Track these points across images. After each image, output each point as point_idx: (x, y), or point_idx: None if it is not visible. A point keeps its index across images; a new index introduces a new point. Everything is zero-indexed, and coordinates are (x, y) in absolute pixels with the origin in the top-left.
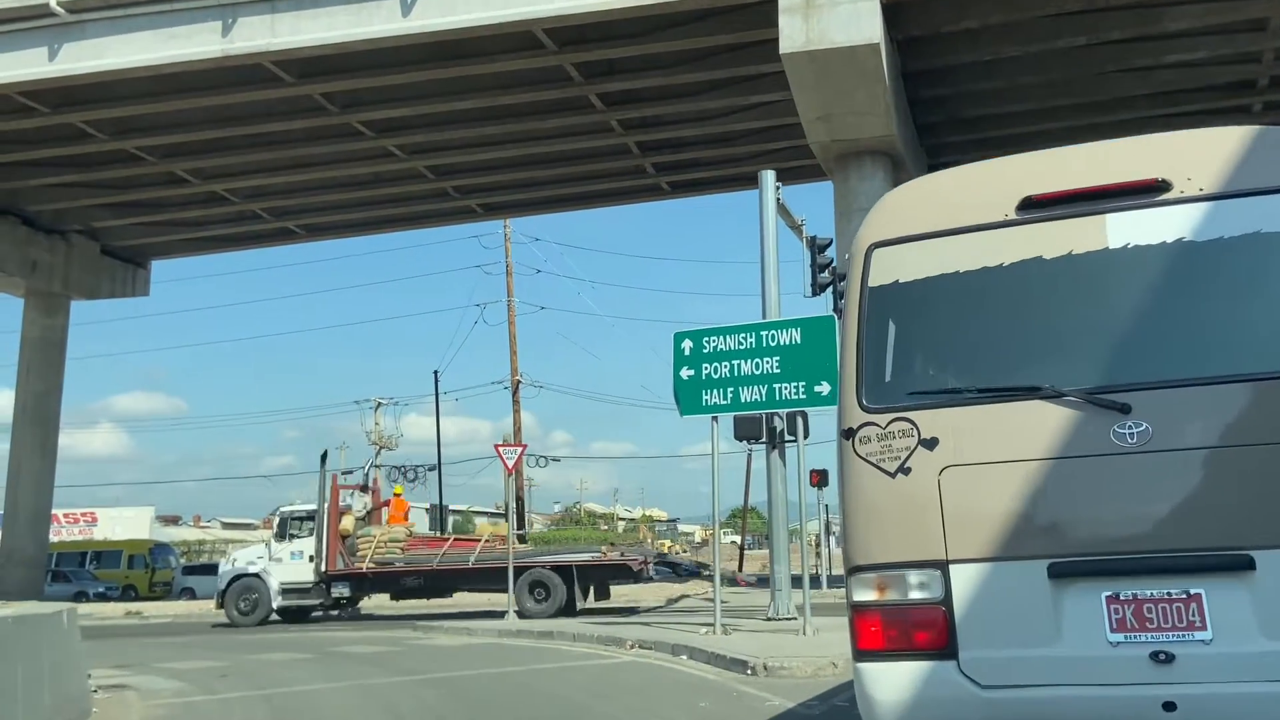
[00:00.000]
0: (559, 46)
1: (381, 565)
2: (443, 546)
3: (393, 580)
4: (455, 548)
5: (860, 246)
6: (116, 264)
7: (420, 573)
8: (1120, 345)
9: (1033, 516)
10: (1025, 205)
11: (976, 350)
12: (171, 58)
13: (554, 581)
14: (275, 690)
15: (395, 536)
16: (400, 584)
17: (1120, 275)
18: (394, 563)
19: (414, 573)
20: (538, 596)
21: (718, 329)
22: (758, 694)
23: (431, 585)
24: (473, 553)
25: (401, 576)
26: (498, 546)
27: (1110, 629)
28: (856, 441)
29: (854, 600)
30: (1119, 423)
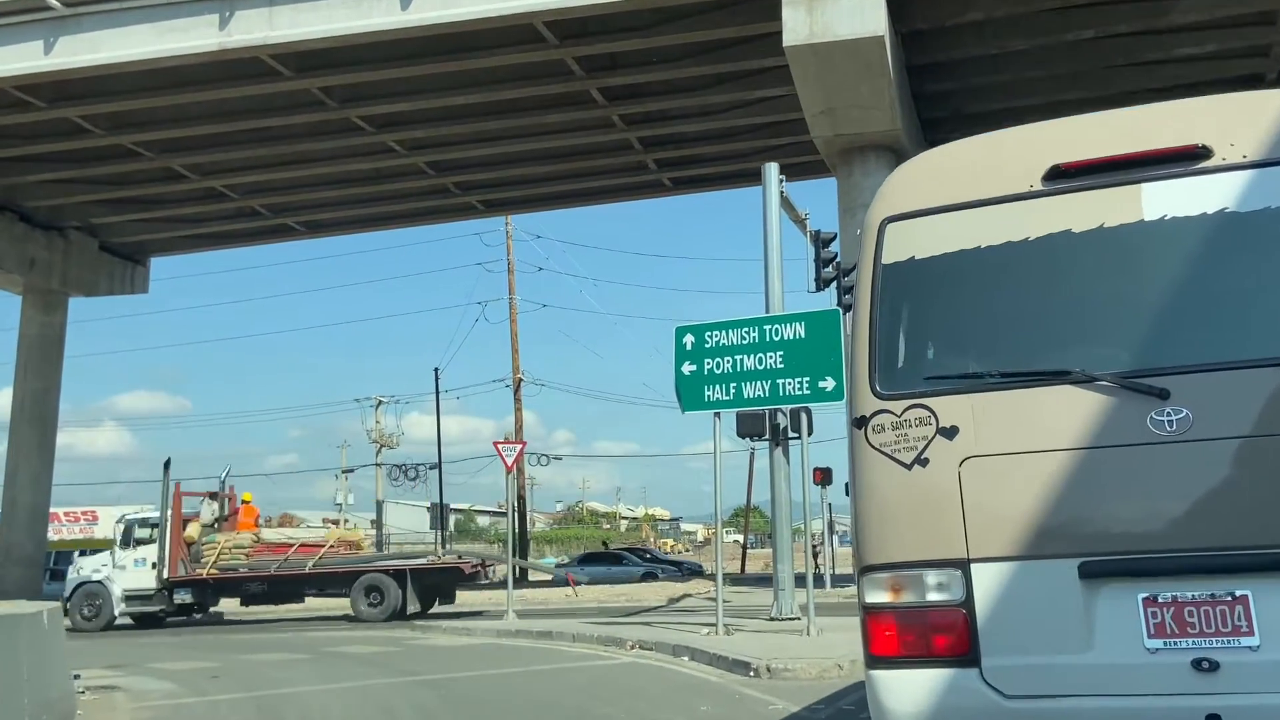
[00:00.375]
0: (560, 40)
1: (225, 571)
2: (286, 552)
3: (236, 586)
4: (299, 553)
5: (872, 221)
6: (115, 261)
7: (263, 578)
8: (1157, 325)
9: (1062, 511)
10: (1052, 175)
11: (999, 331)
12: (168, 51)
13: (388, 585)
14: (266, 692)
15: (240, 543)
16: (244, 589)
17: (1157, 249)
18: (237, 569)
19: (257, 578)
20: (372, 600)
21: (720, 323)
22: (761, 697)
23: (275, 591)
24: (312, 558)
25: (245, 582)
26: (341, 552)
27: (1148, 634)
28: (869, 431)
29: (866, 602)
30: (1156, 409)
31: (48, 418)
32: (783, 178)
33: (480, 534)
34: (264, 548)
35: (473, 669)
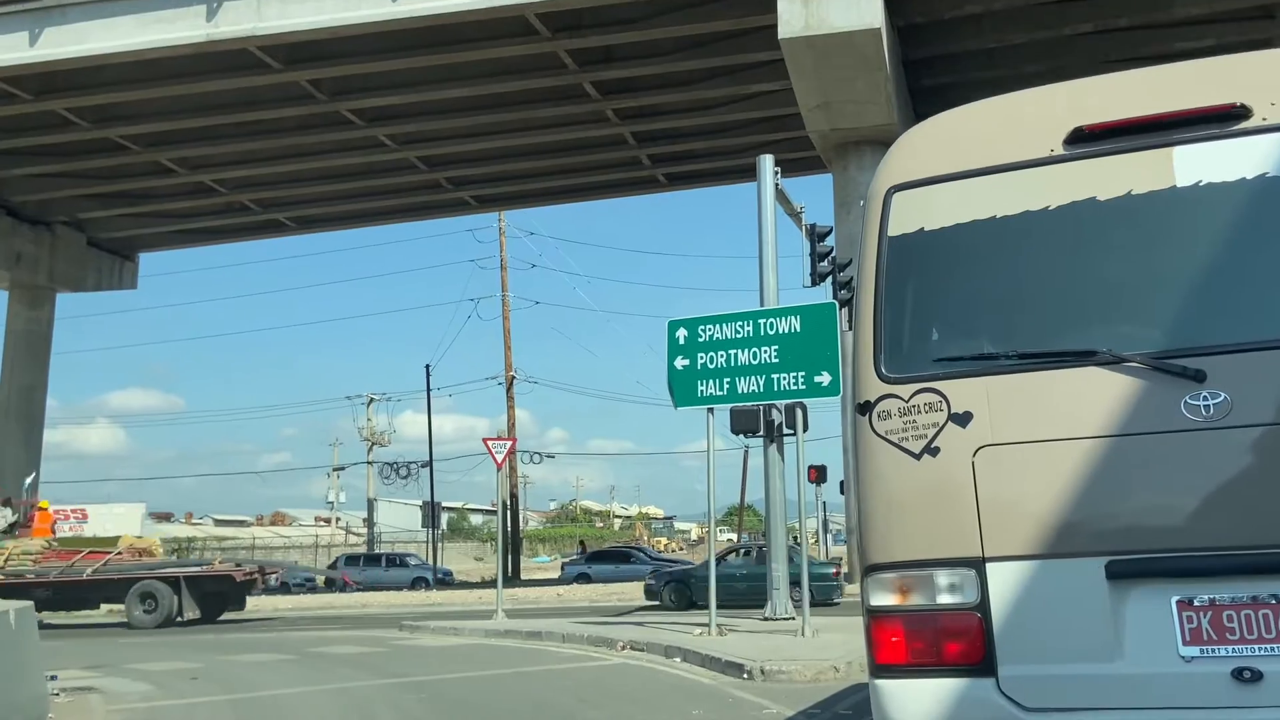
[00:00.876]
0: (552, 33)
1: (12, 577)
2: (73, 559)
3: (24, 591)
4: (86, 560)
5: (877, 190)
6: (103, 256)
7: (46, 584)
8: (1191, 301)
9: (1087, 505)
10: (1075, 138)
11: (1017, 308)
12: (154, 42)
13: (163, 593)
14: (245, 695)
15: (28, 549)
16: (32, 595)
17: (1190, 218)
18: (23, 574)
19: (42, 584)
20: (147, 607)
21: (714, 317)
22: (755, 700)
23: (62, 597)
24: (94, 564)
25: (31, 588)
26: (129, 558)
27: (1183, 641)
28: (874, 417)
29: (871, 605)
30: (1192, 393)
31: (34, 415)
32: (777, 170)
33: (473, 532)
34: (53, 554)
35: (458, 670)
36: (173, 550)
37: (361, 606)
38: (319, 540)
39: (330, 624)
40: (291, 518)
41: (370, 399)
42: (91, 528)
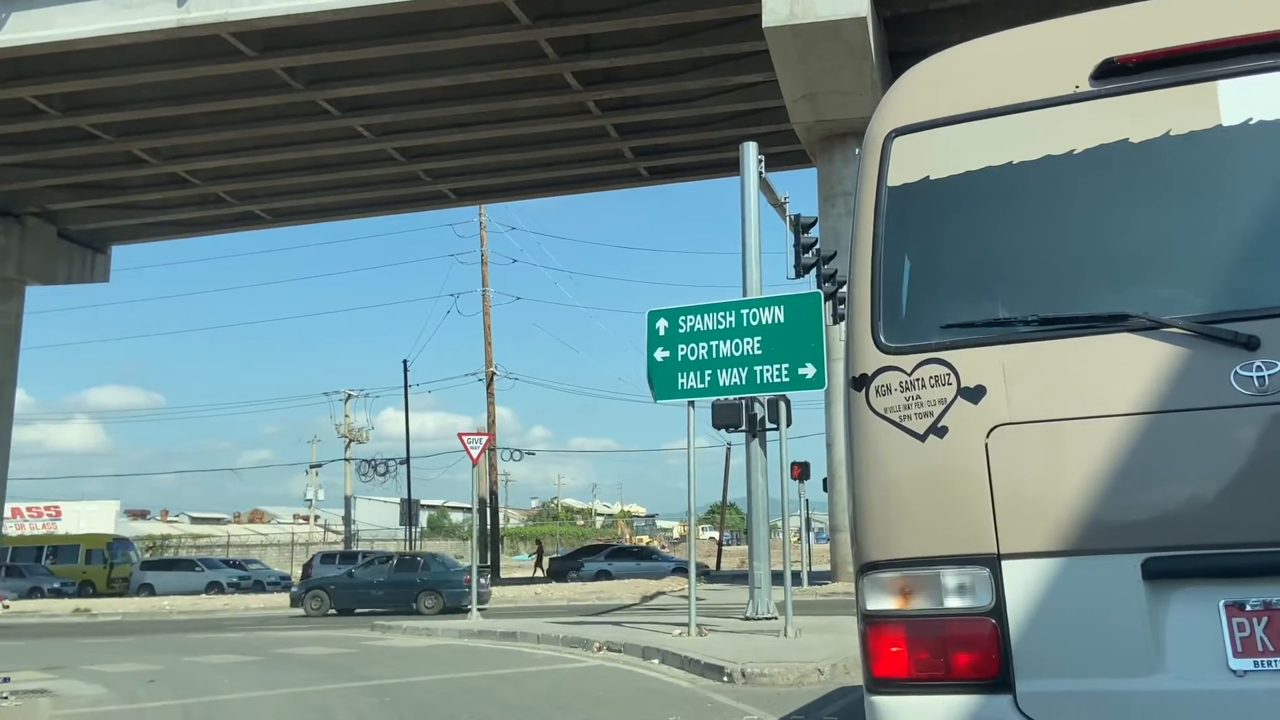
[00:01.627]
0: (532, 20)
1: None
2: None
3: None
4: None
5: (876, 135)
6: (74, 248)
7: None
8: (1240, 257)
9: (1120, 493)
10: (1104, 72)
11: (1037, 266)
12: (123, 28)
13: None
14: (200, 699)
15: None
16: None
17: (1238, 161)
18: None
19: None
20: None
21: (695, 307)
22: (735, 705)
23: None
24: None
25: None
26: None
27: (1233, 652)
28: (871, 393)
29: (867, 609)
30: (1243, 362)
31: (3, 409)
32: (761, 158)
33: (453, 530)
34: None
35: (427, 673)
36: (147, 549)
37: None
38: (296, 538)
39: (302, 624)
40: (270, 515)
41: (348, 395)
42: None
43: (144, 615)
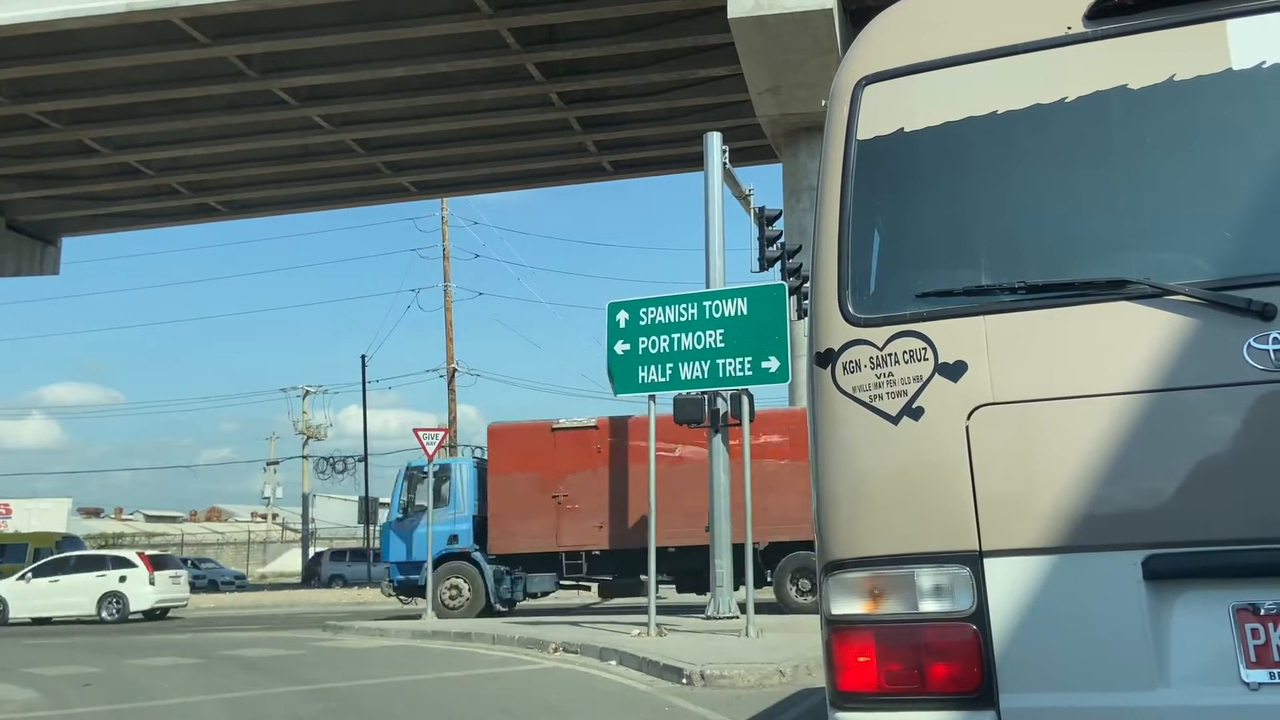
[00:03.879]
0: (494, 10)
1: None
2: None
3: None
4: None
5: (844, 84)
6: (23, 240)
7: None
8: (1253, 216)
9: (1118, 483)
10: (1100, 10)
11: (1025, 228)
12: (70, 12)
13: None
14: (134, 704)
15: None
16: None
17: (1250, 109)
18: None
19: None
20: None
21: (656, 299)
22: (693, 710)
23: None
24: None
25: None
26: None
27: (1245, 662)
28: (838, 370)
29: (832, 614)
30: (1256, 334)
31: None
32: (725, 149)
33: None
34: None
35: (376, 675)
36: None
37: (290, 605)
38: (253, 537)
39: (253, 624)
40: (228, 513)
41: (306, 392)
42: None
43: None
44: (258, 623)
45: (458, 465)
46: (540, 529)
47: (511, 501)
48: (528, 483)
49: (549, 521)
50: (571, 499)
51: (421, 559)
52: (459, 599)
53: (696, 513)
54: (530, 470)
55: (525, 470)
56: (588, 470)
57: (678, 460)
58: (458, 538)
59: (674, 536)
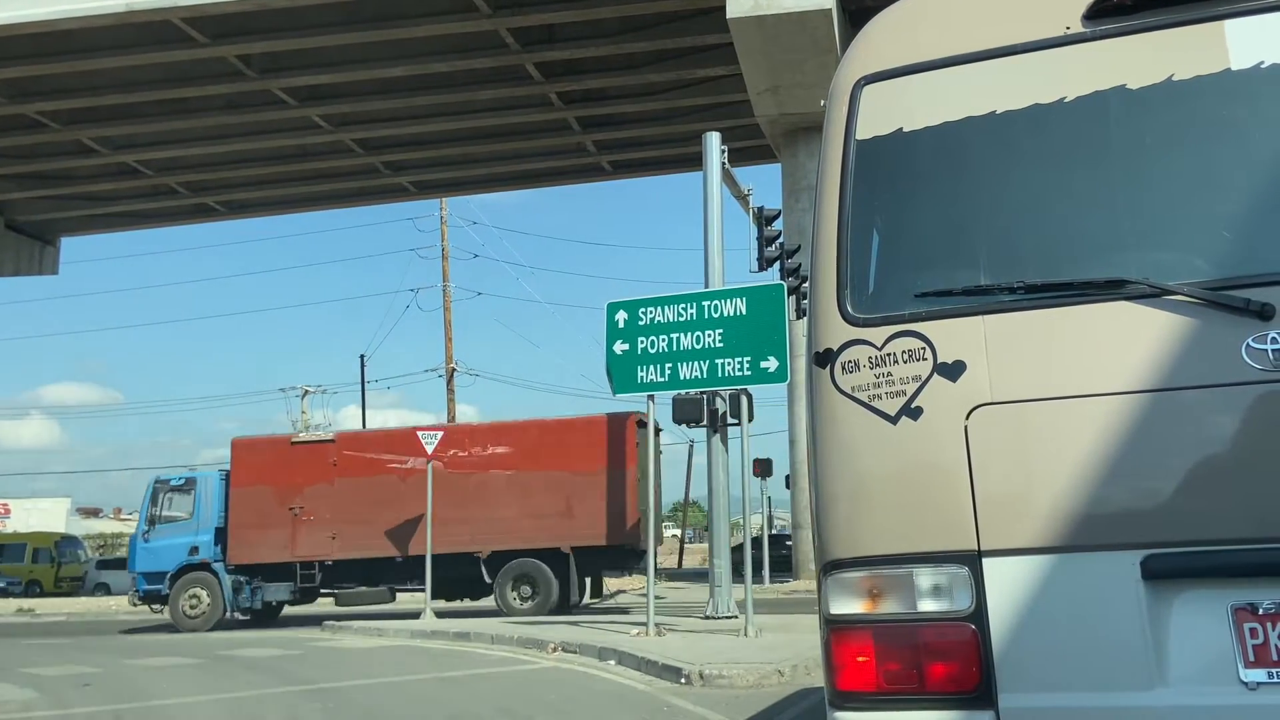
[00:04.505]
0: (493, 10)
1: None
2: None
3: None
4: None
5: (843, 83)
6: (22, 240)
7: None
8: (1252, 216)
9: (1117, 482)
10: (1099, 11)
11: (1024, 228)
12: (69, 12)
13: None
14: (134, 704)
15: None
16: None
17: (1249, 110)
18: None
19: None
20: None
21: (655, 299)
22: (691, 709)
23: None
24: None
25: None
26: None
27: (1244, 662)
28: (836, 370)
29: (831, 613)
30: (1255, 334)
31: None
32: (724, 149)
33: None
34: None
35: (374, 675)
36: (98, 547)
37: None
38: None
39: (250, 623)
40: None
41: (305, 391)
42: (14, 523)
43: (89, 615)
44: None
45: (203, 478)
46: (277, 540)
47: (251, 513)
48: (267, 495)
49: (285, 533)
50: (307, 511)
51: (165, 569)
52: (199, 608)
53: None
54: (269, 483)
55: (265, 483)
56: (323, 483)
57: (410, 472)
58: (198, 549)
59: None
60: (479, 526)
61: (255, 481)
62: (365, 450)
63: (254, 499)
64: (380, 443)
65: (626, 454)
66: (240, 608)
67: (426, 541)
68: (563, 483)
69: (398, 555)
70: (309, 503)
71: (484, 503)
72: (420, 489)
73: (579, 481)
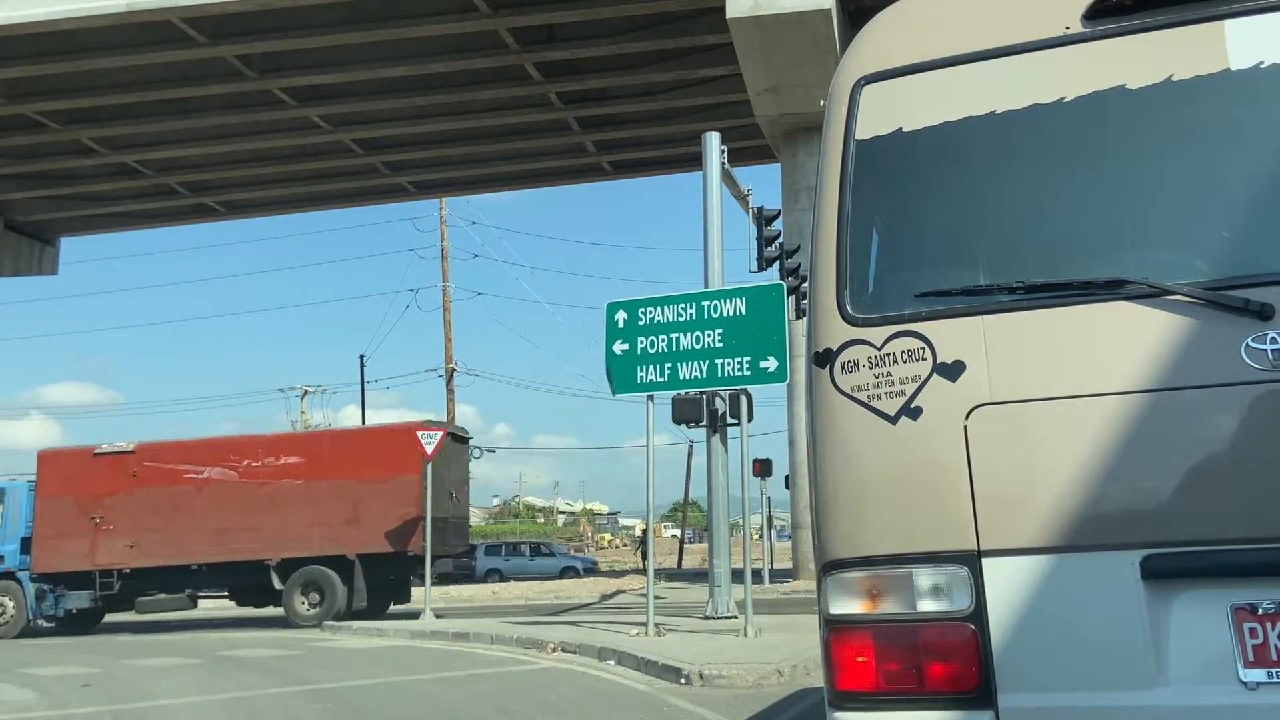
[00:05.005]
0: (493, 9)
1: None
2: None
3: None
4: None
5: (843, 84)
6: (21, 240)
7: None
8: (1252, 216)
9: (1116, 482)
10: (1098, 11)
11: (1023, 228)
12: (69, 12)
13: None
14: (133, 705)
15: None
16: None
17: (1248, 110)
18: None
19: None
20: None
21: (655, 299)
22: (691, 709)
23: None
24: None
25: None
26: None
27: (1243, 661)
28: (836, 370)
29: (831, 613)
30: (1255, 334)
31: None
32: (724, 149)
33: None
34: None
35: (374, 675)
36: None
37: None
38: None
39: (253, 624)
40: None
41: (304, 391)
42: None
43: None
44: (257, 622)
45: (13, 489)
46: (78, 549)
47: (54, 523)
48: (70, 505)
49: (86, 542)
50: (108, 520)
51: None
52: (4, 616)
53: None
54: (73, 493)
55: (69, 493)
56: (123, 493)
57: (206, 482)
58: (4, 558)
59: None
60: (270, 535)
61: (60, 492)
62: (164, 462)
63: (58, 509)
64: (179, 454)
65: (412, 464)
66: (44, 615)
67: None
68: (350, 492)
69: (193, 564)
70: (109, 512)
71: (275, 511)
72: (217, 499)
73: (365, 491)
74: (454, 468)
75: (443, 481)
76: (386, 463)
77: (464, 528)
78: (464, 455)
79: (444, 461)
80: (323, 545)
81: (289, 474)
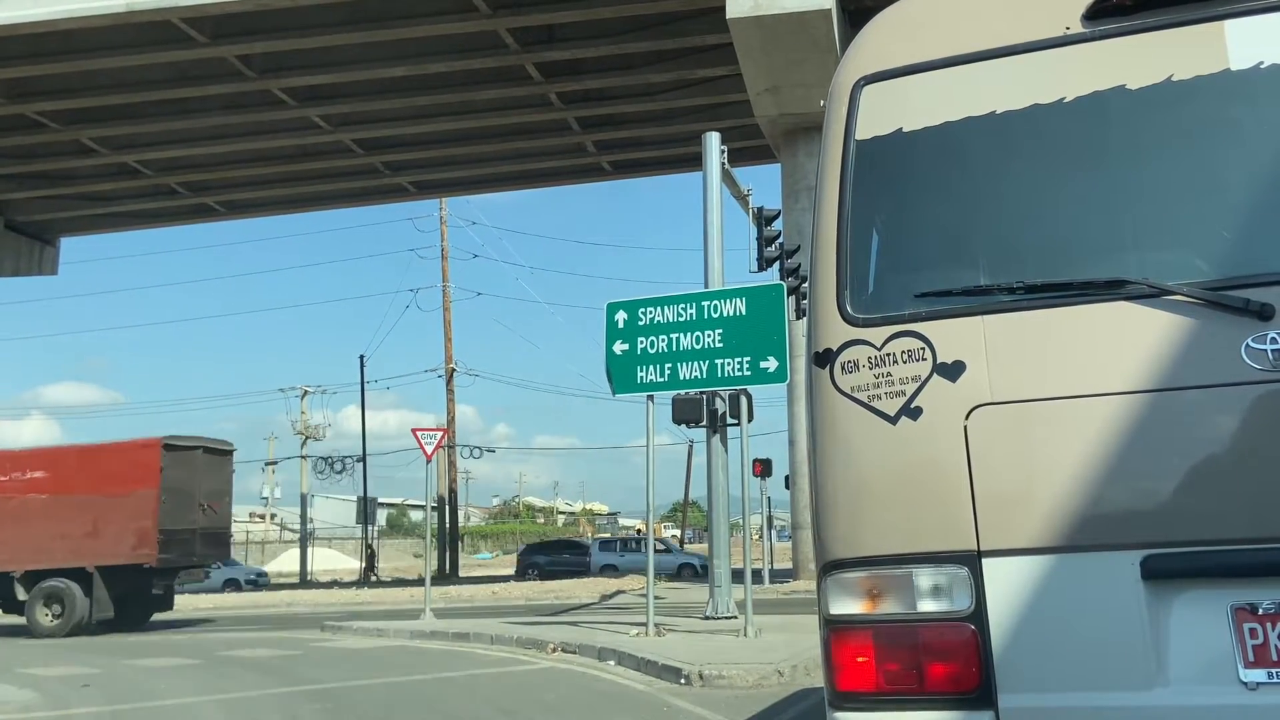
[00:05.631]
0: (493, 9)
1: None
2: None
3: None
4: None
5: (843, 84)
6: (21, 240)
7: None
8: (1252, 216)
9: (1116, 482)
10: (1098, 11)
11: (1023, 228)
12: (69, 12)
13: None
14: (133, 705)
15: None
16: None
17: (1248, 110)
18: None
19: None
20: None
21: (655, 299)
22: (691, 709)
23: None
24: None
25: None
26: None
27: (1243, 662)
28: (836, 370)
29: (831, 614)
30: (1255, 334)
31: None
32: (724, 149)
33: (413, 529)
34: None
35: (373, 676)
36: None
37: (287, 605)
38: (251, 536)
39: (253, 624)
40: None
41: (304, 392)
42: None
43: None
44: (259, 623)
45: None
46: None
47: None
48: None
49: None
50: None
51: None
52: None
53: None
54: None
55: None
56: None
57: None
58: None
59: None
60: (14, 547)
61: None
62: None
63: None
64: None
65: (150, 478)
66: None
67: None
68: (91, 505)
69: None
70: None
71: (20, 525)
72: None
73: (106, 505)
74: (207, 480)
75: (192, 494)
76: (126, 477)
77: (222, 538)
78: (224, 468)
79: (192, 474)
80: (64, 557)
81: (34, 488)
